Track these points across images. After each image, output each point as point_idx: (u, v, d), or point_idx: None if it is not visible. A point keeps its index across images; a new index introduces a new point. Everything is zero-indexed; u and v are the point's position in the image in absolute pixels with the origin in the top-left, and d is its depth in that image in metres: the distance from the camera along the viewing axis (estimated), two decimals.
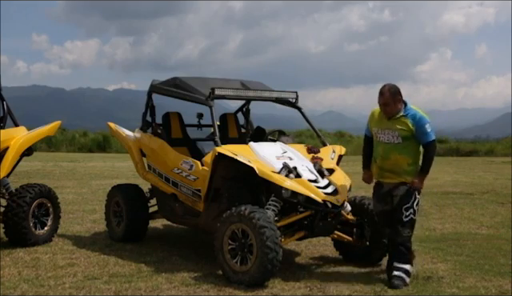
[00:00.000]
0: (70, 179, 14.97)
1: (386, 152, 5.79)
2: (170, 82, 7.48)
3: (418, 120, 5.67)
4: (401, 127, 5.69)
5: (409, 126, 5.67)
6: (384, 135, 5.80)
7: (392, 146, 5.76)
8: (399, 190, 5.73)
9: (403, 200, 5.71)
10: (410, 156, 5.74)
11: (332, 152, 7.03)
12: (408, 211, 5.69)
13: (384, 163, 5.83)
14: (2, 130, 7.30)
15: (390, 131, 5.76)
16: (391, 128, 5.74)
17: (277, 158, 6.33)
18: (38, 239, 7.29)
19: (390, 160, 5.78)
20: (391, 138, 5.75)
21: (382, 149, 5.83)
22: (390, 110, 5.72)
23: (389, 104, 5.71)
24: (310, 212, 6.09)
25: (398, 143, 5.73)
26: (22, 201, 7.16)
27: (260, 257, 5.45)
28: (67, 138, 29.35)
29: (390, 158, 5.77)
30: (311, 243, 7.42)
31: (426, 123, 5.69)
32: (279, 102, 7.52)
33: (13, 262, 6.50)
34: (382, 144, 5.81)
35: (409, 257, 5.77)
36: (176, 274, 6.00)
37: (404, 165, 5.74)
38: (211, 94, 6.67)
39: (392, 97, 5.70)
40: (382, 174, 5.88)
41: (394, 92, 5.72)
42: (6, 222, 7.18)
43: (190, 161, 6.82)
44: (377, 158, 5.91)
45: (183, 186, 6.87)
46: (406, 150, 5.72)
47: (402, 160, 5.73)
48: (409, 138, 5.69)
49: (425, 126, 5.67)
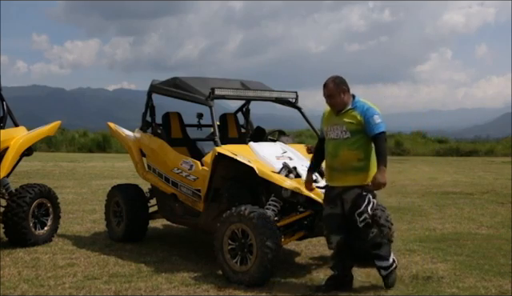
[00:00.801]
0: (70, 179, 14.97)
1: (334, 149, 5.42)
2: (170, 82, 7.49)
3: (366, 111, 5.33)
4: (349, 121, 5.35)
5: (357, 119, 5.33)
6: (333, 131, 5.44)
7: (340, 142, 5.38)
8: (349, 194, 5.34)
9: (354, 205, 5.32)
10: (359, 151, 5.35)
11: None
12: (361, 216, 5.30)
13: (333, 161, 5.44)
14: (2, 130, 7.31)
15: (338, 126, 5.40)
16: (339, 123, 5.39)
17: (277, 157, 6.33)
18: (38, 239, 7.30)
19: (338, 157, 5.38)
20: (339, 133, 5.39)
21: (331, 146, 5.46)
22: (335, 101, 5.40)
23: (334, 95, 5.39)
24: (309, 212, 6.09)
25: (346, 138, 5.35)
26: (22, 201, 7.17)
27: (260, 257, 5.45)
28: (67, 138, 29.37)
29: (338, 155, 5.38)
30: (311, 243, 7.42)
31: (374, 114, 5.33)
32: (279, 102, 7.52)
33: (13, 262, 6.51)
34: (331, 141, 5.45)
35: (384, 251, 5.51)
36: (176, 273, 6.00)
37: (353, 161, 5.34)
38: (211, 94, 6.68)
39: (336, 87, 5.39)
40: (332, 175, 5.47)
41: (338, 82, 5.42)
42: (6, 222, 7.18)
43: (189, 161, 6.83)
44: (327, 156, 5.53)
45: (183, 186, 6.87)
46: (356, 145, 5.34)
47: (351, 156, 5.34)
48: (358, 131, 5.33)
49: (373, 117, 5.31)
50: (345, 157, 5.36)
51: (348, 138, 5.36)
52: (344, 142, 5.37)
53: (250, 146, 6.52)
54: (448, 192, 13.47)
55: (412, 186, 14.73)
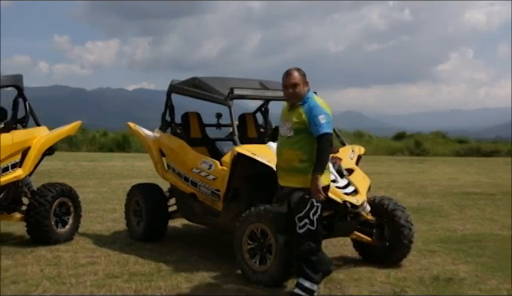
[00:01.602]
0: (91, 178, 15.09)
1: (280, 147, 5.22)
2: (190, 82, 7.51)
3: (312, 109, 5.00)
4: (295, 118, 5.09)
5: (302, 117, 5.04)
6: (282, 128, 5.23)
7: (285, 140, 5.15)
8: (293, 196, 5.08)
9: (296, 208, 5.05)
10: (302, 152, 5.02)
11: (351, 152, 7.01)
12: (302, 221, 5.00)
13: (278, 160, 5.24)
14: (25, 130, 7.40)
15: (286, 123, 5.17)
16: (288, 119, 5.15)
17: None
18: (60, 237, 7.37)
19: (282, 155, 5.17)
20: (286, 130, 5.15)
21: (280, 144, 5.24)
22: (299, 91, 5.09)
23: (298, 84, 5.09)
24: (329, 212, 6.07)
25: (289, 136, 5.09)
26: (44, 199, 7.25)
27: (279, 257, 5.45)
28: (87, 138, 29.58)
29: (282, 154, 5.17)
30: (330, 243, 7.40)
31: (320, 114, 4.97)
32: None
33: (35, 259, 6.58)
34: (280, 138, 5.25)
35: (311, 273, 5.10)
36: (195, 273, 6.02)
37: (295, 161, 5.04)
38: (230, 93, 6.68)
39: (301, 77, 5.14)
40: (278, 174, 5.27)
41: (302, 73, 5.18)
42: (29, 221, 7.27)
43: (209, 160, 6.84)
44: (277, 155, 5.33)
45: (202, 186, 6.89)
46: (298, 145, 5.03)
47: (293, 156, 5.06)
48: (301, 130, 5.04)
49: (318, 117, 4.96)
50: (287, 156, 5.12)
51: (291, 136, 5.10)
52: (287, 140, 5.12)
53: (269, 146, 6.50)
54: (469, 192, 13.34)
55: (432, 186, 14.63)
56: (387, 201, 6.49)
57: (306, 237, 5.04)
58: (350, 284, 5.75)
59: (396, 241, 6.32)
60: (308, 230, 5.01)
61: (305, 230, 5.01)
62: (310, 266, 5.11)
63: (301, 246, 5.09)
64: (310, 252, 5.09)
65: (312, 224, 5.01)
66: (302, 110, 5.07)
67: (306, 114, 5.02)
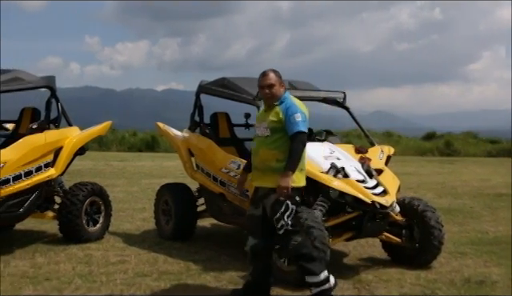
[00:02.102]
0: (120, 178, 15.25)
1: (256, 146, 5.17)
2: (218, 83, 7.54)
3: (288, 108, 4.98)
4: (272, 118, 5.04)
5: (279, 116, 4.99)
6: (258, 129, 5.18)
7: (262, 140, 5.10)
8: (269, 198, 5.01)
9: (272, 210, 4.99)
10: (278, 151, 4.98)
11: (380, 152, 6.98)
12: (279, 223, 4.94)
13: (254, 160, 5.18)
14: (57, 130, 7.50)
15: (263, 123, 5.12)
16: (265, 119, 5.10)
17: (324, 158, 6.30)
18: (91, 236, 7.48)
19: (258, 156, 5.11)
20: (262, 130, 5.10)
21: (255, 144, 5.21)
22: (275, 91, 5.05)
23: (274, 84, 5.05)
24: (358, 212, 6.05)
25: (266, 136, 5.05)
26: (76, 199, 7.36)
27: None
28: (117, 138, 29.88)
29: (258, 154, 5.11)
30: (359, 244, 7.37)
31: (296, 112, 4.95)
32: (327, 101, 7.49)
33: (67, 257, 6.69)
34: (256, 139, 5.21)
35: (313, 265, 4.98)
36: (224, 272, 6.05)
37: (272, 161, 4.98)
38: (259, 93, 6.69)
39: (277, 78, 5.10)
40: (254, 174, 5.20)
41: (279, 74, 5.14)
42: (61, 219, 7.41)
43: (237, 160, 6.86)
44: (252, 155, 5.26)
45: (231, 186, 6.90)
46: (274, 145, 4.99)
47: (269, 155, 5.00)
48: (278, 129, 5.00)
49: (294, 115, 4.93)
50: (264, 156, 5.06)
51: (268, 136, 5.05)
52: (264, 140, 5.08)
53: None
54: (501, 194, 13.11)
55: (463, 187, 14.44)
56: (417, 201, 6.44)
57: (287, 236, 4.99)
58: (379, 285, 5.73)
59: (426, 242, 6.26)
60: (286, 230, 4.96)
61: (283, 230, 4.97)
62: (306, 260, 5.00)
63: (286, 244, 5.05)
64: (299, 247, 5.01)
65: (287, 225, 4.95)
66: (279, 108, 5.04)
67: (283, 113, 4.99)
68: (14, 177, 6.72)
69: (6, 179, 6.63)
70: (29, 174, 6.90)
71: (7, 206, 6.73)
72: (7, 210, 6.76)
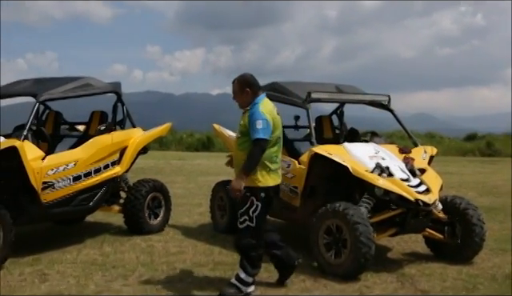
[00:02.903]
0: (179, 175, 15.41)
1: (237, 149, 5.17)
2: (270, 87, 7.53)
3: (252, 115, 4.91)
4: (241, 122, 5.08)
5: (245, 121, 5.00)
6: (237, 131, 5.26)
7: (236, 141, 5.20)
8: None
9: (238, 205, 5.04)
10: (245, 153, 4.94)
11: (423, 152, 6.86)
12: (242, 217, 4.94)
13: (234, 161, 5.26)
14: (122, 131, 7.64)
15: (238, 126, 5.16)
16: (239, 123, 5.13)
17: (370, 157, 6.23)
18: (152, 228, 7.59)
19: (234, 157, 5.26)
20: (237, 132, 5.20)
21: (235, 148, 5.23)
22: (237, 99, 5.10)
23: (235, 93, 5.08)
24: (402, 210, 5.95)
25: (238, 138, 5.12)
26: (139, 194, 7.49)
27: (354, 251, 5.41)
28: (176, 139, 30.20)
29: (236, 155, 5.18)
30: (403, 239, 7.25)
31: (257, 119, 4.85)
32: (372, 104, 7.40)
33: (131, 247, 6.81)
34: (235, 142, 5.26)
35: (248, 267, 4.99)
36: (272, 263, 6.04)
37: (241, 161, 4.97)
38: (308, 97, 6.67)
39: (239, 86, 5.06)
40: (235, 172, 5.16)
41: (241, 81, 5.08)
42: (126, 213, 7.55)
43: (287, 160, 6.83)
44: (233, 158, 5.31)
45: (281, 183, 6.88)
46: (243, 146, 5.00)
47: (240, 156, 5.01)
48: (245, 133, 4.99)
49: (255, 122, 4.85)
50: (237, 156, 5.10)
51: (239, 137, 5.11)
52: (237, 141, 5.15)
53: (345, 147, 6.46)
54: None
55: (504, 186, 13.97)
56: (459, 200, 6.29)
57: (247, 233, 4.96)
58: (421, 279, 5.62)
59: (468, 239, 6.12)
60: (247, 226, 4.94)
61: (244, 225, 4.95)
62: (248, 260, 5.02)
63: (241, 240, 5.02)
64: (249, 247, 4.99)
65: (251, 221, 4.92)
66: (247, 114, 5.02)
67: (248, 118, 4.96)
68: (85, 174, 6.89)
69: (78, 176, 6.79)
70: (98, 171, 7.06)
71: (79, 200, 6.90)
72: (79, 204, 6.93)
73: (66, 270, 5.80)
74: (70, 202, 6.78)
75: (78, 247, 6.80)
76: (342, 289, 5.24)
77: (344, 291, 5.18)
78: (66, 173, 6.63)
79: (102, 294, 5.02)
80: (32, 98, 6.76)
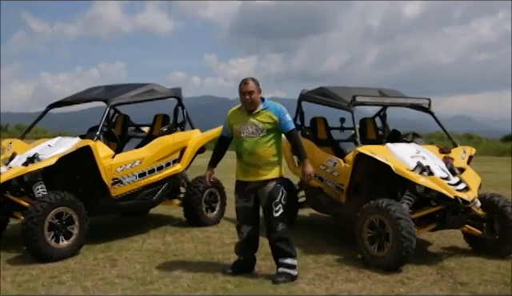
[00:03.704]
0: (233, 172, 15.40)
1: (251, 146, 5.03)
2: (317, 91, 7.51)
3: (280, 111, 5.04)
4: (265, 120, 5.02)
5: (273, 118, 5.02)
6: (246, 130, 5.06)
7: (257, 140, 5.01)
8: (265, 188, 5.05)
9: (272, 196, 5.04)
10: (274, 148, 5.04)
11: (463, 152, 6.67)
12: (277, 206, 5.03)
13: (250, 158, 5.06)
14: (182, 132, 7.74)
15: (251, 125, 5.03)
16: (253, 122, 5.03)
17: (411, 157, 6.10)
18: (209, 221, 7.66)
19: (256, 154, 5.02)
20: (255, 131, 5.02)
21: (246, 144, 5.05)
22: (255, 97, 5.02)
23: (254, 91, 5.01)
24: (441, 206, 5.81)
25: (262, 136, 5.01)
26: (197, 189, 7.56)
27: (396, 244, 5.30)
28: None
29: (255, 152, 5.02)
30: (442, 234, 7.05)
31: (286, 113, 5.07)
32: (413, 107, 7.26)
33: (190, 238, 6.89)
34: (246, 139, 5.05)
35: (289, 249, 5.10)
36: (321, 255, 6.00)
37: (269, 157, 5.02)
38: (353, 100, 6.60)
39: (256, 85, 5.05)
40: (247, 170, 5.10)
41: (257, 82, 5.10)
42: (185, 206, 7.64)
43: (333, 159, 6.79)
44: (242, 154, 5.10)
45: (328, 181, 6.85)
46: (271, 142, 5.02)
47: (267, 152, 5.02)
48: (272, 130, 5.03)
49: (286, 116, 5.05)
50: (262, 153, 5.02)
51: (264, 135, 5.02)
52: (259, 140, 5.01)
53: (387, 147, 6.35)
54: None
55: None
56: (497, 197, 6.08)
57: (283, 219, 5.09)
58: (461, 272, 5.46)
59: (506, 235, 5.90)
60: (282, 213, 5.07)
61: (280, 213, 5.06)
62: (287, 244, 5.11)
63: (277, 228, 5.07)
64: (284, 232, 5.11)
65: (284, 208, 5.09)
66: (271, 113, 5.05)
67: (277, 116, 5.03)
68: (149, 171, 7.02)
69: (143, 172, 6.93)
70: (160, 168, 7.18)
71: (144, 194, 7.04)
72: (144, 198, 7.06)
73: (132, 256, 5.92)
74: (135, 196, 6.92)
75: (143, 237, 6.93)
76: (384, 279, 5.14)
77: (386, 282, 5.08)
78: (132, 170, 6.77)
79: (164, 279, 5.09)
80: (103, 103, 6.94)
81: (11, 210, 6.23)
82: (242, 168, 5.18)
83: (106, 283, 4.96)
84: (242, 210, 5.24)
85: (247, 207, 5.19)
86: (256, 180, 5.09)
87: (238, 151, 5.17)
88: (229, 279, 5.09)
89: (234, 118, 5.21)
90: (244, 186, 5.18)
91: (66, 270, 5.37)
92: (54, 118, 12.35)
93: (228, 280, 5.07)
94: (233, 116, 5.24)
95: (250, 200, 5.17)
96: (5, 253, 5.95)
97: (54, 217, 5.68)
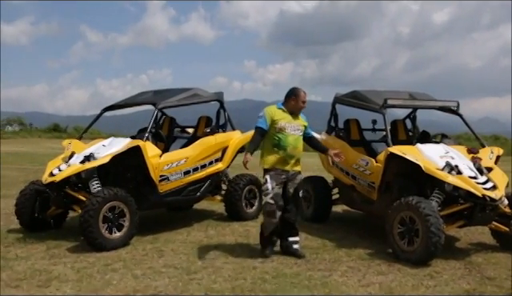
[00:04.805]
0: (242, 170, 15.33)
1: (295, 141, 5.59)
2: (350, 95, 7.43)
3: (306, 120, 5.79)
4: (302, 123, 5.68)
5: (304, 124, 5.73)
6: (291, 128, 5.58)
7: (298, 137, 5.64)
8: (297, 178, 5.64)
9: (299, 185, 5.66)
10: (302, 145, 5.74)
11: (490, 153, 6.49)
12: (301, 192, 5.74)
13: (294, 151, 5.57)
14: (224, 133, 7.77)
15: (295, 125, 5.62)
16: (296, 123, 5.64)
17: (440, 157, 5.98)
18: (248, 216, 7.67)
19: (298, 148, 5.61)
20: (297, 130, 5.63)
21: (291, 139, 5.56)
22: (304, 106, 5.70)
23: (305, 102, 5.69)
24: (469, 204, 5.66)
25: (300, 135, 5.66)
26: (237, 187, 7.59)
27: (425, 240, 5.21)
28: None
29: (298, 147, 5.61)
30: (470, 231, 6.89)
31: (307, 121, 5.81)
32: (442, 109, 7.10)
33: (231, 231, 6.92)
34: (291, 135, 5.57)
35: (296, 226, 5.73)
36: (354, 249, 5.94)
37: (301, 152, 5.70)
38: (384, 103, 6.50)
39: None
40: (287, 161, 5.55)
41: None
42: (226, 202, 7.67)
43: (366, 158, 6.72)
44: (287, 147, 5.53)
45: (360, 179, 6.78)
46: (301, 141, 5.72)
47: (301, 148, 5.70)
48: (303, 131, 5.71)
49: (308, 122, 5.81)
50: (300, 148, 5.66)
51: (301, 135, 5.67)
52: (299, 137, 5.64)
53: (417, 147, 6.23)
54: None
55: None
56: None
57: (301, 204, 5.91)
58: (488, 267, 5.31)
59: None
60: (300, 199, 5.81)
61: (300, 201, 5.80)
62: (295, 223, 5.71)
63: (299, 213, 5.79)
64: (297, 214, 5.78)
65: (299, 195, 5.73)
66: (304, 119, 5.74)
67: (306, 122, 5.76)
68: (194, 169, 7.08)
69: (188, 170, 7.00)
70: (203, 166, 7.23)
71: (188, 190, 7.11)
72: (188, 194, 7.13)
73: (177, 248, 6.00)
74: (181, 192, 7.00)
75: (187, 230, 7.01)
76: (413, 273, 5.05)
77: (416, 275, 4.99)
78: (178, 168, 6.85)
79: (207, 269, 5.13)
80: (152, 106, 7.05)
81: (70, 203, 6.41)
82: (283, 159, 5.55)
83: (154, 272, 5.04)
84: (277, 197, 5.50)
85: (279, 194, 5.52)
86: (293, 170, 5.59)
87: (281, 144, 5.54)
88: (267, 270, 5.10)
89: (280, 115, 5.60)
90: (281, 174, 5.54)
91: (118, 258, 5.49)
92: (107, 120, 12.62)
93: (266, 271, 5.07)
94: (278, 113, 5.62)
95: (281, 188, 5.54)
96: (65, 242, 6.13)
97: (107, 210, 5.81)
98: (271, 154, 5.55)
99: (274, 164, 5.54)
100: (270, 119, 5.56)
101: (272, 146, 5.54)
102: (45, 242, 6.14)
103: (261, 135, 5.60)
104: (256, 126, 5.63)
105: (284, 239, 5.69)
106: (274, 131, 5.53)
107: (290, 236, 5.66)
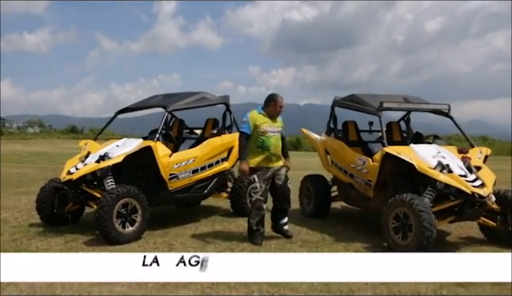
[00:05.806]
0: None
1: (277, 141, 5.92)
2: (348, 98, 7.42)
3: (283, 121, 6.10)
4: (280, 125, 5.99)
5: (282, 125, 6.05)
6: (273, 130, 5.89)
7: (278, 137, 5.93)
8: (282, 170, 5.96)
9: (285, 178, 5.96)
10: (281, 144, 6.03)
11: (479, 153, 6.46)
12: (290, 185, 6.02)
13: (276, 150, 5.90)
14: (230, 134, 7.76)
15: (276, 127, 5.92)
16: (275, 125, 5.93)
17: (432, 156, 5.97)
18: None
19: (278, 147, 5.93)
20: (277, 131, 5.93)
21: (274, 140, 5.89)
22: (281, 111, 5.99)
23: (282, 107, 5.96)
24: (459, 201, 5.65)
25: (279, 135, 5.96)
26: (242, 184, 7.57)
27: (418, 234, 5.20)
28: None
29: (278, 146, 5.93)
30: (460, 225, 6.87)
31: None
32: (434, 112, 7.07)
33: (236, 226, 6.92)
34: (274, 136, 5.89)
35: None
36: (351, 243, 5.94)
37: (281, 150, 5.99)
38: (380, 106, 6.49)
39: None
40: (271, 159, 5.87)
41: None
42: (232, 199, 7.67)
43: (363, 158, 6.71)
44: (270, 147, 5.84)
45: (357, 177, 6.77)
46: (280, 139, 6.00)
47: (281, 146, 5.99)
48: (281, 132, 6.03)
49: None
50: (280, 147, 5.96)
51: (280, 135, 5.97)
52: (279, 137, 5.95)
53: (411, 147, 6.22)
54: None
55: None
56: (510, 193, 5.87)
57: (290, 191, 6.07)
58: None
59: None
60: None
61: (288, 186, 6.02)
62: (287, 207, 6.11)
63: (290, 200, 6.09)
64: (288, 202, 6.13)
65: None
66: (281, 121, 6.04)
67: (283, 124, 6.06)
68: (201, 167, 7.09)
69: (196, 169, 7.00)
70: (210, 165, 7.23)
71: (196, 188, 7.11)
72: (196, 191, 7.13)
73: (186, 241, 6.00)
74: (189, 190, 7.00)
75: (195, 225, 7.01)
76: None
77: None
78: (186, 167, 6.85)
79: None
80: (162, 109, 7.05)
81: (87, 200, 6.43)
82: (267, 157, 5.86)
83: None
84: (265, 193, 5.89)
85: (267, 190, 5.91)
86: (277, 166, 5.92)
87: (265, 145, 5.85)
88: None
89: (261, 120, 5.89)
90: (267, 171, 5.84)
91: (130, 251, 5.48)
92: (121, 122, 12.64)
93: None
94: (259, 118, 5.89)
95: (268, 184, 5.88)
96: (82, 236, 6.14)
97: (120, 206, 5.82)
98: (256, 154, 5.85)
99: (259, 163, 5.84)
100: (252, 124, 5.86)
101: (256, 147, 5.84)
102: (63, 235, 6.16)
103: (246, 139, 5.88)
104: (240, 131, 5.96)
105: (277, 222, 6.12)
106: (257, 134, 5.84)
107: (281, 219, 6.10)
